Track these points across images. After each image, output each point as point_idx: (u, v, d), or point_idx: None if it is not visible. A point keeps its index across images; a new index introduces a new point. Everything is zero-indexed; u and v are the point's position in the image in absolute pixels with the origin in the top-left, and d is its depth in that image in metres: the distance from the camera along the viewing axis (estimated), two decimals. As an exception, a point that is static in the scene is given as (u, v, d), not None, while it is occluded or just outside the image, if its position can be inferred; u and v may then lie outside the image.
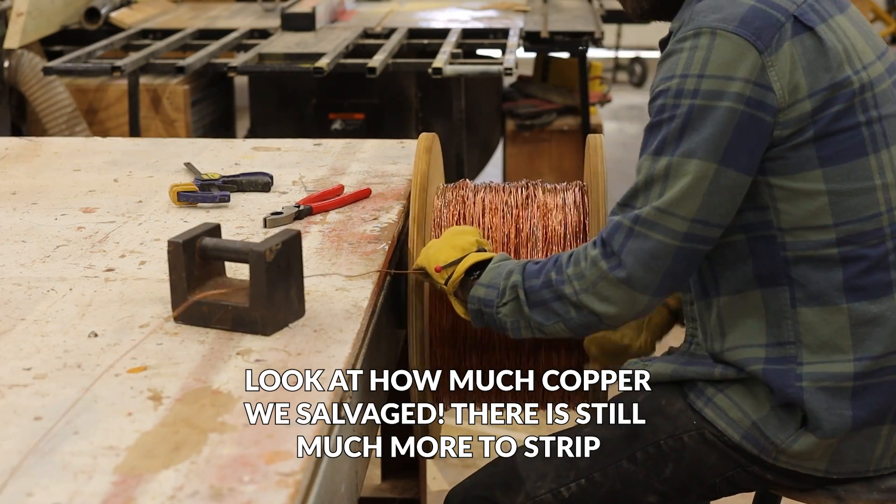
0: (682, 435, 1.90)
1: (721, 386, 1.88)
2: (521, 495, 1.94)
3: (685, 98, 1.75)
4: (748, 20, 1.76)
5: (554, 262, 1.85)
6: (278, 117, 4.95)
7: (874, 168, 1.79)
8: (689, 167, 1.74)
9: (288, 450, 1.41)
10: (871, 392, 1.82)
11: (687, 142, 1.75)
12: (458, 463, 3.50)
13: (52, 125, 4.45)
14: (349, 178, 2.51)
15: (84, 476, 1.35)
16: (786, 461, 1.86)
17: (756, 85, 1.74)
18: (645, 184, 1.78)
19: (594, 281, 1.79)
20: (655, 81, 1.82)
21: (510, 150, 5.26)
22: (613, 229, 1.79)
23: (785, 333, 1.83)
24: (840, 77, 1.77)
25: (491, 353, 2.16)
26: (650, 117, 1.81)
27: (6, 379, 1.59)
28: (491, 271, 1.92)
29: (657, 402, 1.93)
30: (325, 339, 1.72)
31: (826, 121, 1.77)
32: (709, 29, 1.76)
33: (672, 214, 1.75)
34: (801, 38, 1.77)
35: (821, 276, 1.80)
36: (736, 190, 1.77)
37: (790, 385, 1.81)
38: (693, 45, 1.76)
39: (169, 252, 1.76)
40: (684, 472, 1.91)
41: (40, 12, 4.57)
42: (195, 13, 5.29)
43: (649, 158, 1.78)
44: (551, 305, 1.84)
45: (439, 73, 3.99)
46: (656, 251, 1.76)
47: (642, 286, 1.77)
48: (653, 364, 1.96)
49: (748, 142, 1.75)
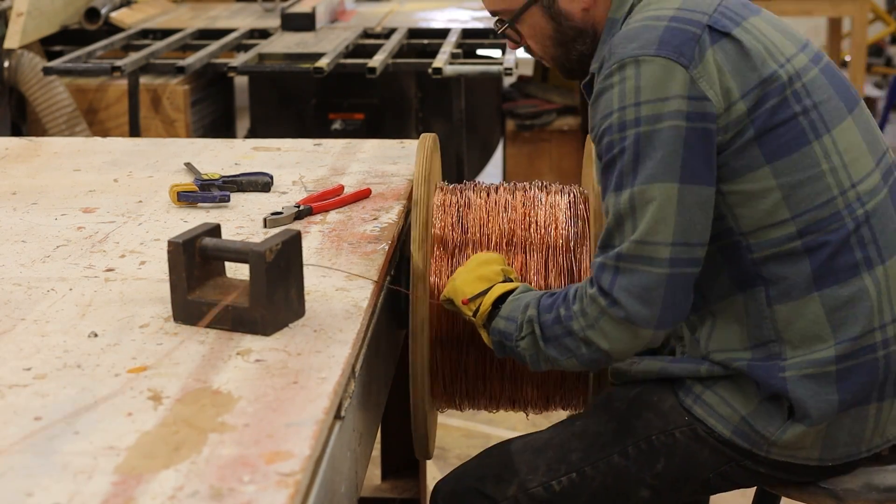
0: (673, 431, 1.91)
1: (708, 383, 1.90)
2: (512, 488, 1.95)
3: (629, 129, 1.77)
4: (666, 40, 1.79)
5: (563, 296, 1.86)
6: (278, 117, 4.95)
7: (819, 154, 1.82)
8: (652, 192, 1.76)
9: (288, 450, 1.41)
10: (855, 373, 1.84)
11: (643, 170, 1.76)
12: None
13: (52, 125, 4.45)
14: (349, 178, 2.51)
15: (84, 476, 1.35)
16: (778, 453, 1.87)
17: (692, 99, 1.77)
18: (616, 222, 1.79)
19: (596, 318, 1.80)
20: (594, 122, 1.83)
21: (510, 150, 5.27)
22: (599, 271, 1.80)
23: (766, 333, 1.85)
24: (766, 73, 1.81)
25: (491, 355, 2.16)
26: (600, 159, 1.83)
27: (6, 379, 1.59)
28: (510, 304, 1.93)
29: (648, 398, 1.94)
30: (325, 339, 1.72)
31: (763, 118, 1.80)
32: (631, 58, 1.79)
33: (651, 243, 1.76)
34: (720, 44, 1.81)
35: (790, 270, 1.82)
36: (705, 204, 1.79)
37: (774, 377, 1.83)
38: (621, 78, 1.78)
39: (169, 252, 1.76)
40: (676, 467, 1.92)
41: (40, 12, 4.57)
42: (195, 13, 5.29)
43: (612, 195, 1.79)
44: (563, 341, 1.85)
45: (439, 73, 4.00)
46: (647, 283, 1.76)
47: (643, 321, 1.77)
48: (641, 363, 1.98)
49: (700, 154, 1.77)
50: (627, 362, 1.99)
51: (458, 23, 4.86)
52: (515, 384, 2.19)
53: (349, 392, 1.68)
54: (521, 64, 4.66)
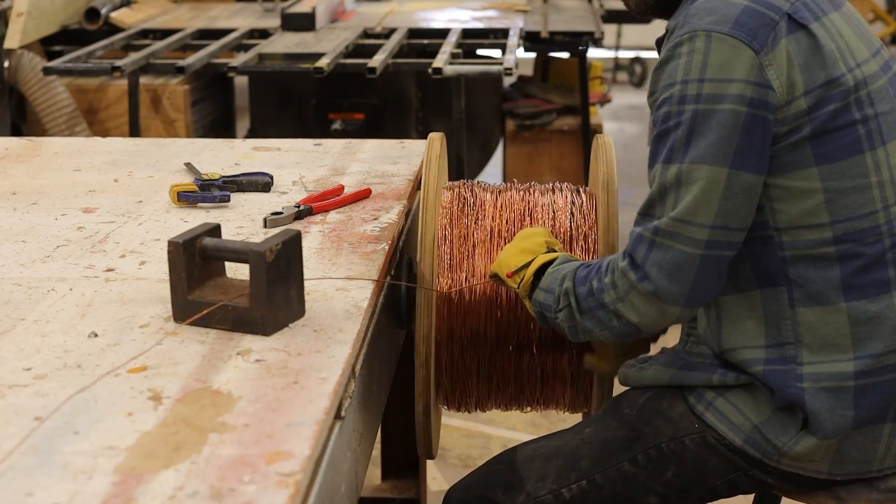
0: (683, 438, 1.90)
1: (721, 390, 1.88)
2: (521, 495, 1.94)
3: (688, 104, 1.75)
4: (742, 21, 1.76)
5: (597, 269, 1.86)
6: (278, 117, 4.95)
7: (870, 166, 1.80)
8: (699, 174, 1.74)
9: (288, 450, 1.41)
10: (872, 391, 1.81)
11: (695, 148, 1.74)
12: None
13: (52, 125, 4.45)
14: (349, 178, 2.51)
15: (84, 476, 1.35)
16: (788, 464, 1.86)
17: (756, 85, 1.74)
18: (659, 193, 1.78)
19: (626, 291, 1.80)
20: (657, 88, 1.81)
21: (510, 150, 5.26)
22: (636, 242, 1.79)
23: (784, 334, 1.83)
24: (835, 74, 1.78)
25: (495, 355, 2.16)
26: (656, 127, 1.80)
27: (6, 379, 1.59)
28: (549, 275, 1.94)
29: (658, 404, 1.93)
30: (325, 339, 1.72)
31: (822, 119, 1.77)
32: (703, 32, 1.76)
33: (690, 223, 1.75)
34: (795, 35, 1.77)
35: (818, 275, 1.80)
36: (751, 191, 1.77)
37: (791, 386, 1.81)
38: (690, 50, 1.76)
39: (169, 252, 1.76)
40: (685, 474, 1.91)
41: (40, 12, 4.57)
42: (195, 13, 5.29)
43: (660, 167, 1.78)
44: (596, 314, 1.85)
45: (439, 73, 3.99)
46: (679, 261, 1.76)
47: (671, 298, 1.77)
48: (650, 368, 1.97)
49: (756, 142, 1.75)
50: (637, 367, 1.98)
51: (458, 23, 4.86)
52: (519, 385, 2.19)
53: (349, 392, 1.68)
54: (521, 64, 4.66)
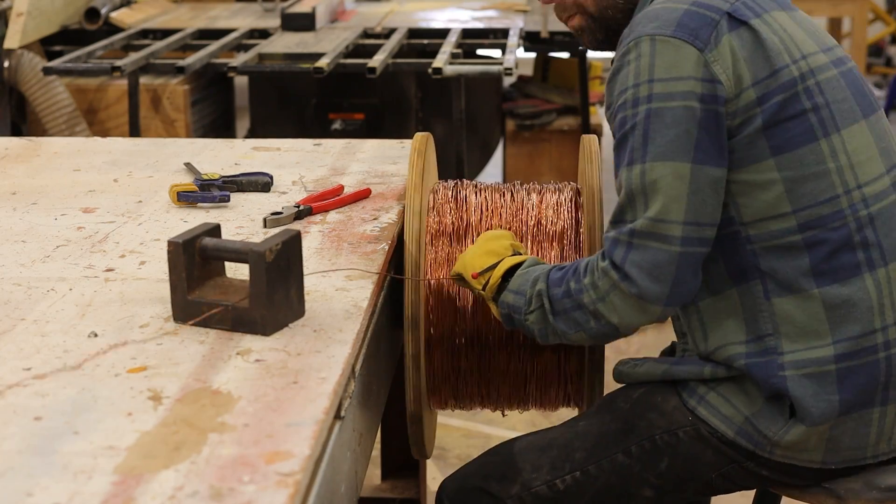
0: (677, 431, 1.91)
1: (712, 384, 1.90)
2: (516, 486, 1.95)
3: (641, 105, 1.79)
4: (684, 23, 1.81)
5: (574, 270, 1.88)
6: (278, 117, 4.95)
7: (826, 152, 1.83)
8: (662, 170, 1.77)
9: (288, 450, 1.41)
10: (855, 373, 1.83)
11: (653, 146, 1.78)
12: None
13: (52, 125, 4.45)
14: (349, 178, 2.51)
15: (84, 476, 1.35)
16: (781, 454, 1.87)
17: (704, 81, 1.78)
18: (628, 198, 1.80)
19: (607, 291, 1.81)
20: (612, 100, 1.85)
21: (510, 150, 5.27)
22: (612, 246, 1.81)
23: (763, 326, 1.85)
24: (779, 65, 1.82)
25: (490, 354, 2.16)
26: (614, 137, 1.84)
27: (6, 379, 1.59)
28: (519, 277, 1.95)
29: (652, 398, 1.95)
30: (325, 339, 1.72)
31: (772, 109, 1.81)
32: (647, 36, 1.81)
33: (664, 221, 1.77)
34: (737, 32, 1.82)
35: (788, 265, 1.83)
36: (716, 185, 1.80)
37: (773, 375, 1.83)
38: (637, 55, 1.81)
39: (169, 252, 1.76)
40: (679, 466, 1.92)
41: (40, 12, 4.57)
42: (195, 13, 5.29)
43: (625, 170, 1.81)
44: (572, 315, 1.87)
45: (439, 73, 3.99)
46: (658, 260, 1.78)
47: (653, 297, 1.79)
48: (643, 364, 1.98)
49: (714, 136, 1.79)
50: (630, 364, 2.00)
51: (458, 23, 4.86)
52: (514, 383, 2.19)
53: (349, 392, 1.68)
54: (521, 64, 4.66)
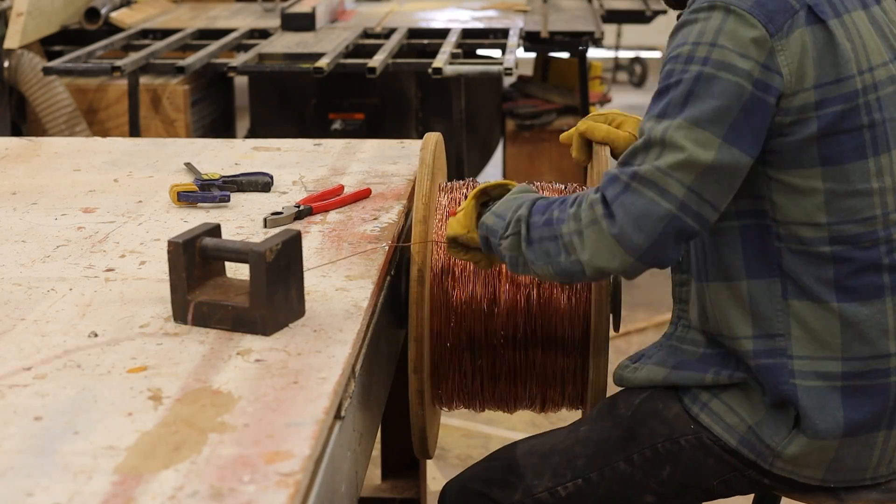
0: (678, 439, 1.90)
1: (715, 391, 1.88)
2: (518, 493, 1.94)
3: (694, 64, 1.73)
4: (763, 2, 1.74)
5: (561, 201, 1.82)
6: (278, 117, 4.95)
7: (873, 171, 1.79)
8: (692, 135, 1.71)
9: (288, 450, 1.41)
10: (863, 394, 1.81)
11: (691, 108, 1.72)
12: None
13: (52, 125, 4.45)
14: (349, 178, 2.51)
15: (84, 476, 1.35)
16: (782, 467, 1.85)
17: (764, 67, 1.72)
18: (644, 144, 1.74)
19: (587, 224, 1.75)
20: (667, 51, 1.79)
21: (510, 150, 5.26)
22: (610, 182, 1.75)
23: (775, 325, 1.82)
24: (846, 74, 1.77)
25: (491, 354, 2.16)
26: (658, 84, 1.78)
27: (6, 379, 1.59)
28: (506, 201, 1.90)
29: (653, 405, 1.93)
30: (325, 339, 1.72)
31: (830, 118, 1.76)
32: (723, 4, 1.74)
33: (669, 176, 1.71)
34: (812, 28, 1.76)
35: (812, 272, 1.80)
36: (735, 171, 1.73)
37: (784, 382, 1.81)
38: (707, 17, 1.75)
39: (169, 252, 1.76)
40: (681, 474, 1.91)
41: (40, 12, 4.57)
42: (195, 13, 5.29)
43: (652, 120, 1.75)
44: (545, 245, 1.80)
45: (439, 73, 3.99)
46: (648, 211, 1.71)
47: (629, 246, 1.72)
48: (643, 368, 1.96)
49: (753, 124, 1.73)
50: (631, 368, 1.97)
51: (458, 23, 4.86)
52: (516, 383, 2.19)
53: (349, 392, 1.68)
54: (521, 64, 4.66)
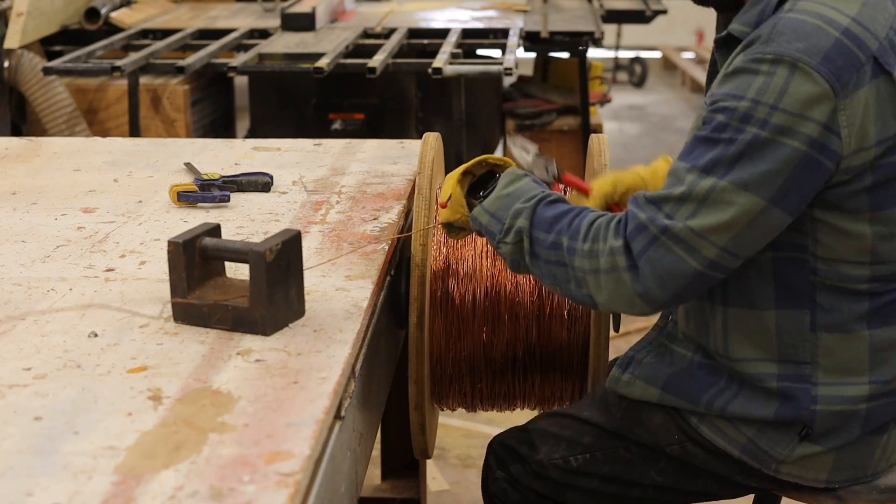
0: (664, 448, 1.93)
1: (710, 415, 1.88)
2: (540, 454, 2.01)
3: (751, 126, 1.65)
4: (832, 57, 1.66)
5: (569, 223, 1.77)
6: (278, 117, 4.95)
7: None
8: (737, 199, 1.66)
9: (288, 450, 1.41)
10: (879, 413, 1.83)
11: (740, 171, 1.65)
12: (459, 463, 3.50)
13: (52, 125, 4.45)
14: (349, 178, 2.51)
15: (84, 476, 1.35)
16: (786, 472, 1.86)
17: (824, 128, 1.65)
18: (681, 195, 1.68)
19: (606, 270, 1.71)
20: (720, 90, 1.70)
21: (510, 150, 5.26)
22: (637, 230, 1.70)
23: (801, 354, 1.80)
24: None
25: (491, 355, 2.16)
26: (704, 127, 1.70)
27: (6, 379, 1.59)
28: (499, 199, 1.85)
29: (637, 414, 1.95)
30: (325, 339, 1.72)
31: (886, 168, 1.72)
32: (790, 60, 1.65)
33: (704, 239, 1.67)
34: (876, 81, 1.69)
35: (846, 306, 1.78)
36: (776, 228, 1.70)
37: (805, 408, 1.81)
38: (770, 71, 1.65)
39: (169, 252, 1.76)
40: (678, 468, 1.94)
41: (40, 12, 4.57)
42: (195, 13, 5.29)
43: (695, 171, 1.68)
44: (554, 269, 1.77)
45: (439, 73, 3.99)
46: (675, 269, 1.68)
47: (651, 299, 1.70)
48: (635, 384, 1.94)
49: (804, 184, 1.68)
50: (623, 383, 1.95)
51: (458, 23, 4.85)
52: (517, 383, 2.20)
53: (349, 392, 1.68)
54: (521, 64, 4.66)
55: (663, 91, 9.41)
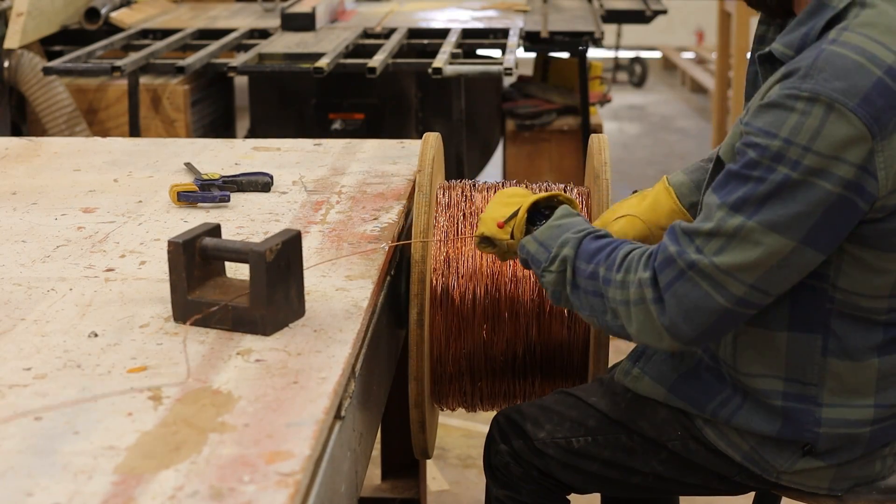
0: (666, 443, 1.94)
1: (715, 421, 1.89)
2: (543, 432, 2.01)
3: (783, 166, 1.61)
4: (871, 98, 1.60)
5: (608, 255, 1.77)
6: (278, 117, 4.95)
7: None
8: (766, 239, 1.63)
9: (288, 450, 1.41)
10: (882, 434, 1.84)
11: (770, 211, 1.62)
12: (458, 463, 3.50)
13: (52, 125, 4.45)
14: (349, 178, 2.51)
15: (84, 476, 1.35)
16: (788, 480, 1.88)
17: (860, 169, 1.61)
18: (710, 231, 1.66)
19: (635, 302, 1.71)
20: (755, 125, 1.65)
21: (510, 150, 5.26)
22: (665, 263, 1.69)
23: (809, 376, 1.80)
24: None
25: (492, 355, 2.16)
26: (737, 159, 1.67)
27: (6, 379, 1.59)
28: (549, 229, 1.86)
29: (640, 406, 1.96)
30: (325, 339, 1.72)
31: None
32: (827, 100, 1.60)
33: (731, 276, 1.65)
34: None
35: (860, 335, 1.78)
36: (808, 266, 1.68)
37: (808, 430, 1.81)
38: (805, 111, 1.60)
39: (169, 252, 1.76)
40: (679, 460, 1.95)
41: (40, 12, 4.57)
42: (195, 13, 5.29)
43: (724, 209, 1.65)
44: (591, 299, 1.78)
45: (439, 73, 3.99)
46: (702, 305, 1.66)
47: (677, 334, 1.69)
48: (643, 380, 1.95)
49: (837, 225, 1.65)
50: (631, 377, 1.97)
51: (458, 23, 4.85)
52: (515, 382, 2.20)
53: (349, 392, 1.68)
54: (521, 64, 4.66)
55: (663, 91, 9.41)
